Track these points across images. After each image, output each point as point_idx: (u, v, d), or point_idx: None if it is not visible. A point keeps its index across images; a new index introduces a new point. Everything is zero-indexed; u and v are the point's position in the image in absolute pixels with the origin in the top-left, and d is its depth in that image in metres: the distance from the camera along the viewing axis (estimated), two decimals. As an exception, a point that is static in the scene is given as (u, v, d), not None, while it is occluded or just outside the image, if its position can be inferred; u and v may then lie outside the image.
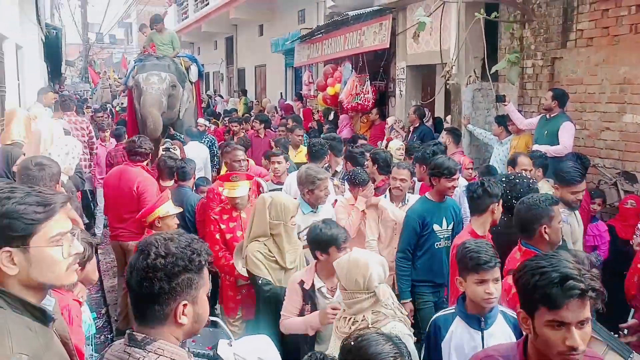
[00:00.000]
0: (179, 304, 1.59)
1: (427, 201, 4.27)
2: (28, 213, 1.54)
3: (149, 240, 1.63)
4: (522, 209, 2.98)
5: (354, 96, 9.48)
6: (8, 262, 1.54)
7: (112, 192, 5.24)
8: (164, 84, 8.50)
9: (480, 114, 7.63)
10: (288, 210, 3.59)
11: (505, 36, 7.38)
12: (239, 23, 17.86)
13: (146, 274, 1.56)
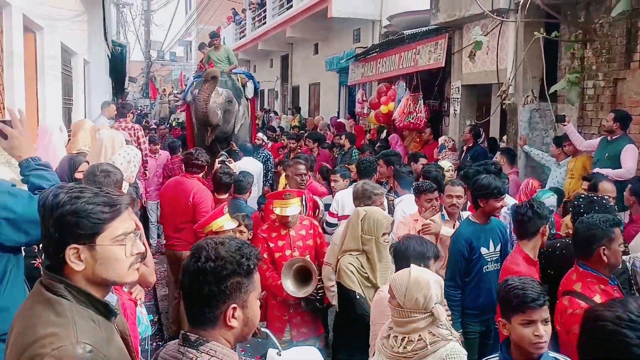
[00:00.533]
0: (229, 307, 1.63)
1: (472, 224, 4.07)
2: (96, 212, 1.62)
3: (201, 244, 1.68)
4: (580, 228, 2.88)
5: (407, 115, 9.45)
6: (75, 258, 1.61)
7: (168, 202, 5.40)
8: (220, 97, 8.70)
9: (538, 134, 7.46)
10: (381, 226, 3.48)
11: (565, 56, 7.22)
12: (294, 42, 18.18)
13: (196, 277, 1.61)
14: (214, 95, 8.48)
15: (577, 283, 2.79)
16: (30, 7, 5.58)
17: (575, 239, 2.93)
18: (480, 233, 3.98)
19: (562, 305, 2.76)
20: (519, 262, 3.25)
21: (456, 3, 8.03)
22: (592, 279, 2.77)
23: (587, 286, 2.75)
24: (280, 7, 17.22)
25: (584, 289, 2.74)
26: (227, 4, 25.40)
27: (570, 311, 2.67)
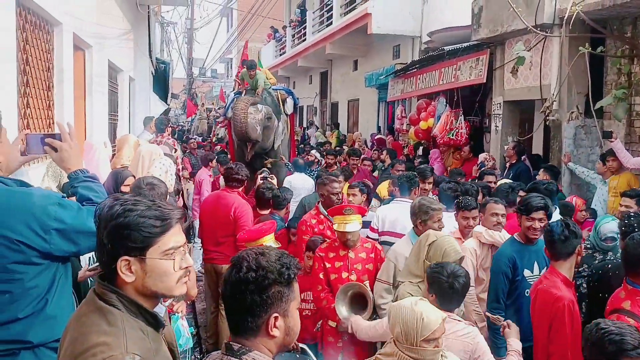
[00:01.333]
0: (271, 317, 1.65)
1: (516, 243, 3.90)
2: (147, 226, 1.65)
3: (242, 254, 1.71)
4: (631, 244, 2.78)
5: (448, 131, 9.38)
6: (126, 270, 1.65)
7: (208, 216, 5.46)
8: (260, 114, 8.77)
9: (583, 151, 7.27)
10: (447, 257, 3.15)
11: (611, 71, 7.04)
12: (334, 58, 18.30)
13: (238, 287, 1.64)
14: (254, 111, 8.57)
15: (625, 301, 2.71)
16: (80, 26, 5.78)
17: (625, 256, 2.83)
18: (524, 253, 3.81)
19: None
20: (559, 286, 3.11)
21: (498, 18, 7.95)
22: None
23: (637, 304, 2.67)
24: (320, 24, 17.39)
25: (633, 307, 2.67)
26: (268, 21, 25.78)
27: None
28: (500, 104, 8.62)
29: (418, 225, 4.06)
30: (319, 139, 16.87)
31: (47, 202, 2.24)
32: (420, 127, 10.57)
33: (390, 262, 3.96)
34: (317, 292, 4.10)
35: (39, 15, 4.62)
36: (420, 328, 2.43)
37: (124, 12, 8.90)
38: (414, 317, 2.46)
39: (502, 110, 8.61)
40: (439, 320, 2.48)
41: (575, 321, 3.01)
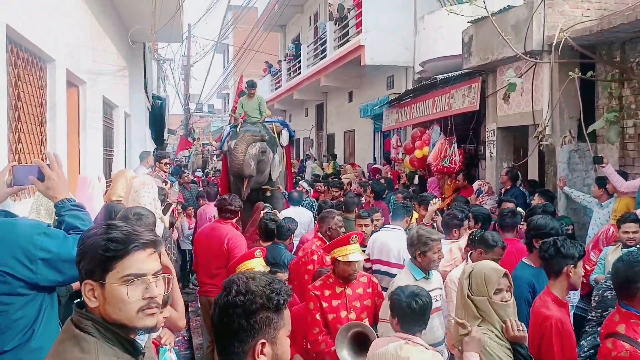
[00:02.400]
0: (257, 342, 1.62)
1: (528, 267, 3.88)
2: (104, 248, 1.61)
3: (232, 278, 1.70)
4: (621, 266, 2.74)
5: (442, 159, 9.39)
6: (90, 294, 1.62)
7: (202, 248, 5.43)
8: (254, 149, 8.81)
9: (578, 175, 7.28)
10: (490, 281, 2.81)
11: (602, 95, 7.11)
12: (329, 90, 18.48)
13: (226, 310, 1.62)
14: (249, 147, 8.64)
15: (620, 325, 2.65)
16: (73, 63, 5.84)
17: (616, 279, 2.79)
18: (538, 276, 3.73)
19: (605, 349, 2.63)
20: (549, 305, 3.07)
21: (488, 47, 8.06)
22: (637, 320, 2.64)
23: (631, 327, 2.62)
24: (314, 57, 17.62)
25: (627, 331, 2.61)
26: (263, 56, 26.14)
27: (614, 354, 2.55)
28: (494, 131, 8.66)
29: (417, 257, 3.91)
30: (315, 170, 16.89)
31: (33, 231, 2.23)
32: (415, 156, 10.59)
33: None
34: (314, 335, 3.76)
35: (31, 52, 4.67)
36: None
37: (119, 49, 9.01)
38: None
39: (496, 137, 8.65)
40: None
41: (565, 340, 2.95)
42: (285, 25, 25.44)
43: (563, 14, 7.07)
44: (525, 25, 7.17)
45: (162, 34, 10.43)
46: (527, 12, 7.24)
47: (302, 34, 22.52)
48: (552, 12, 7.07)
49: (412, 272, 3.88)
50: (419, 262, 3.90)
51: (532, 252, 3.95)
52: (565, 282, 3.17)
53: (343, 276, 3.80)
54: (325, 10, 17.78)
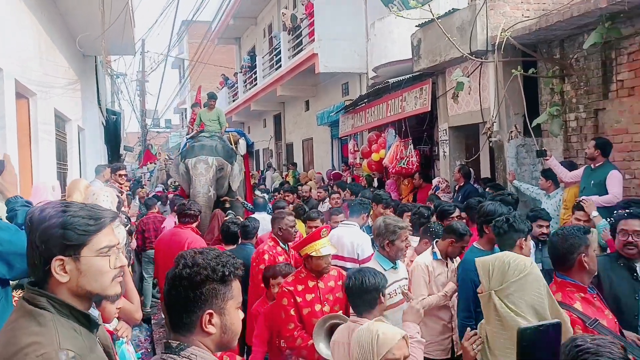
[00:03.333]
0: (205, 313, 1.68)
1: (477, 251, 4.03)
2: (81, 225, 1.68)
3: (182, 253, 1.75)
4: (557, 240, 2.92)
5: (399, 160, 9.60)
6: (60, 270, 1.67)
7: (163, 254, 5.41)
8: (211, 171, 8.87)
9: (526, 169, 7.56)
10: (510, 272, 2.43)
11: (545, 91, 7.43)
12: (285, 100, 18.61)
13: (174, 282, 1.68)
14: (204, 170, 8.72)
15: (557, 293, 2.80)
16: (22, 73, 5.77)
17: (553, 251, 2.96)
18: None
19: None
20: None
21: (436, 49, 8.31)
22: (572, 288, 2.81)
23: (567, 295, 2.79)
24: (270, 67, 17.73)
25: (564, 298, 2.77)
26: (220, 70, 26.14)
27: None
28: (446, 130, 8.92)
29: (385, 247, 3.94)
30: (276, 180, 16.95)
31: None
32: (372, 159, 10.79)
33: None
34: (289, 331, 3.72)
35: (-23, 61, 4.62)
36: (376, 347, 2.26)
37: (70, 62, 8.91)
38: (369, 336, 2.30)
39: (448, 136, 8.91)
40: (397, 337, 2.29)
41: None
42: (240, 38, 25.53)
43: (504, 15, 7.38)
44: (470, 27, 7.45)
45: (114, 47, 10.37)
46: (470, 14, 7.52)
47: (257, 45, 22.63)
48: (494, 14, 7.38)
49: (380, 262, 3.92)
50: (387, 252, 3.93)
51: (483, 237, 4.13)
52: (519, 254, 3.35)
53: (316, 270, 3.82)
54: (278, 21, 17.95)
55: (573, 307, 2.70)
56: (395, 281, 3.90)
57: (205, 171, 8.77)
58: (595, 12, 5.86)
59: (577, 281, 2.84)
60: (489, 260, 2.54)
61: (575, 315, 2.66)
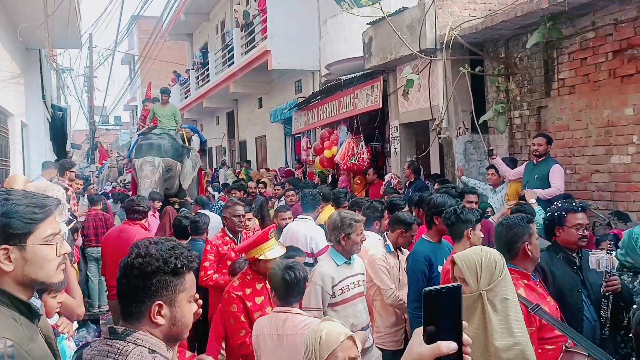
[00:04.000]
0: (154, 304, 1.66)
1: (426, 242, 4.18)
2: (27, 213, 1.67)
3: (137, 242, 1.73)
4: (502, 230, 3.03)
5: (350, 157, 9.68)
6: (5, 259, 1.64)
7: (110, 251, 5.30)
8: (157, 173, 8.75)
9: (474, 165, 7.76)
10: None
11: (491, 89, 7.64)
12: (239, 97, 18.48)
13: (125, 271, 1.66)
14: (150, 172, 8.59)
15: None
16: (-40, 65, 5.54)
17: (498, 241, 3.07)
18: (436, 251, 4.06)
19: None
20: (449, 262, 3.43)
21: (387, 47, 8.43)
22: (516, 275, 2.90)
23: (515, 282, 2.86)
24: (222, 64, 17.56)
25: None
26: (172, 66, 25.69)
27: None
28: (397, 127, 9.05)
29: (341, 240, 3.86)
30: (230, 177, 16.81)
31: None
32: (324, 156, 10.84)
33: (316, 285, 3.69)
34: (240, 338, 3.54)
35: None
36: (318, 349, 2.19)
37: (12, 55, 8.58)
38: (313, 337, 2.22)
39: (399, 133, 9.04)
40: (340, 337, 2.20)
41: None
42: (192, 34, 25.17)
43: (452, 14, 7.55)
44: (419, 25, 7.59)
45: (59, 40, 10.05)
46: (419, 13, 7.66)
47: (209, 42, 22.37)
48: (442, 13, 7.53)
49: (333, 258, 3.87)
50: (342, 247, 3.87)
51: (431, 229, 4.23)
52: (467, 243, 3.52)
53: (264, 273, 3.59)
54: (231, 17, 17.79)
55: (517, 293, 2.77)
56: (349, 276, 3.88)
57: (150, 173, 8.66)
58: (538, 12, 6.07)
59: (521, 268, 2.94)
60: (473, 259, 2.46)
61: (519, 300, 2.74)
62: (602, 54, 5.99)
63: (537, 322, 2.74)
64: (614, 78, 5.88)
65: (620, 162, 5.84)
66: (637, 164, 5.65)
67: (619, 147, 5.84)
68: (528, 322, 2.69)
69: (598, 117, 6.07)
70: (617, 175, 5.90)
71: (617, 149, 5.88)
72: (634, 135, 5.65)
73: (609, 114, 5.94)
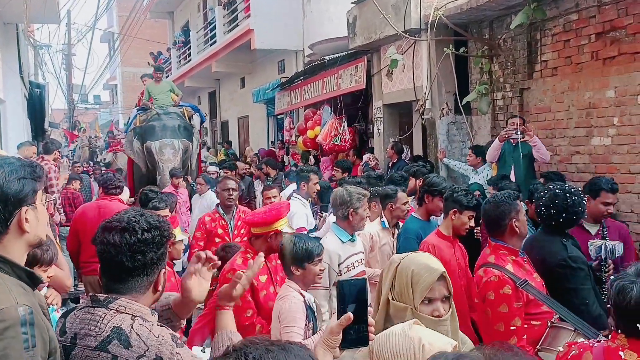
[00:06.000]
0: (161, 272, 1.77)
1: (416, 220, 4.26)
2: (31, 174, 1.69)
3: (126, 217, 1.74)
4: (489, 207, 3.06)
5: (333, 137, 9.67)
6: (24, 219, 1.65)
7: (90, 226, 5.05)
8: (178, 155, 8.70)
9: (456, 146, 7.80)
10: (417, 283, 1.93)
11: (475, 71, 7.65)
12: (221, 77, 18.29)
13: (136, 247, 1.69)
14: (172, 155, 8.52)
15: (490, 256, 2.95)
16: None
17: (486, 218, 3.10)
18: (426, 229, 4.10)
19: (478, 277, 2.93)
20: (431, 236, 3.65)
21: (371, 26, 8.38)
22: (504, 251, 2.95)
23: (500, 257, 2.92)
24: (204, 43, 17.34)
25: (497, 260, 2.91)
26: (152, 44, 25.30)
27: (485, 279, 2.84)
28: (380, 108, 9.04)
29: (350, 215, 3.78)
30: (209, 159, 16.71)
31: None
32: (308, 137, 10.81)
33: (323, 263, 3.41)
34: (247, 319, 3.32)
35: None
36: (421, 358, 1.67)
37: (-12, 29, 8.38)
38: (410, 345, 1.69)
39: (382, 114, 9.04)
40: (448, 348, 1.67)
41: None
42: (173, 12, 24.74)
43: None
44: (404, 5, 7.54)
45: (36, 14, 9.82)
46: (405, -8, 7.61)
47: (190, 20, 22.03)
48: (427, -8, 7.50)
49: (338, 235, 3.80)
50: (349, 222, 3.79)
51: (421, 207, 4.31)
52: (450, 223, 3.62)
53: (275, 249, 3.38)
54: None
55: (505, 269, 2.83)
56: (353, 254, 3.84)
57: (172, 156, 8.67)
58: (523, -7, 6.08)
59: (509, 245, 2.98)
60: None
61: (507, 275, 2.79)
62: (585, 36, 6.02)
63: (525, 297, 2.78)
64: (596, 60, 5.92)
65: (600, 144, 5.91)
66: (617, 146, 5.72)
67: (600, 129, 5.90)
68: (516, 297, 2.75)
69: (579, 99, 6.12)
70: (597, 157, 5.97)
71: (597, 131, 5.94)
72: (615, 117, 5.71)
73: (590, 96, 5.99)
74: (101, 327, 1.63)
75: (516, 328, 2.72)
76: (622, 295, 1.83)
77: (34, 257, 2.47)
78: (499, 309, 2.73)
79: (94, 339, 1.63)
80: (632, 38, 5.46)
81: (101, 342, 1.61)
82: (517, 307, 2.75)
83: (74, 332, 1.68)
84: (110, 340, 1.61)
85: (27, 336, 1.50)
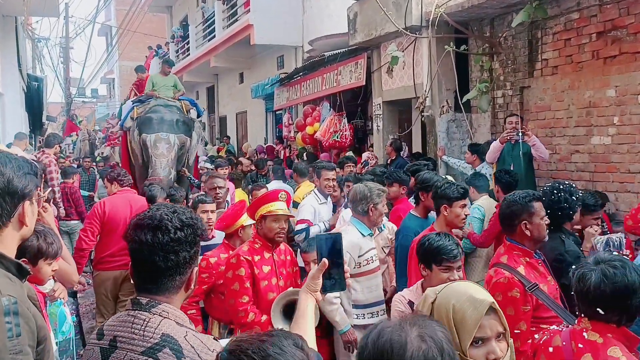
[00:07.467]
0: (193, 271, 1.74)
1: (415, 218, 4.22)
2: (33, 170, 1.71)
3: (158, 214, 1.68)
4: (503, 205, 3.03)
5: (332, 134, 9.67)
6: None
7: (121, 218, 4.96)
8: (173, 151, 8.37)
9: (456, 144, 7.81)
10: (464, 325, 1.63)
11: (475, 68, 7.65)
12: (219, 72, 18.24)
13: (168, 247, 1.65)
14: (166, 150, 8.29)
15: (504, 256, 2.91)
16: None
17: (501, 216, 3.06)
18: (424, 226, 4.03)
19: (489, 277, 2.89)
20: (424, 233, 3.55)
21: (372, 23, 8.37)
22: (518, 252, 2.89)
23: (513, 258, 2.87)
24: (203, 37, 17.28)
25: (509, 261, 2.85)
26: (150, 38, 25.20)
27: (495, 280, 2.80)
28: (380, 105, 9.04)
29: (369, 210, 3.84)
30: (210, 152, 16.68)
31: None
32: (306, 133, 10.81)
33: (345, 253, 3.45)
34: (242, 304, 3.40)
35: None
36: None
37: (-13, 21, 8.34)
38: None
39: (382, 111, 9.03)
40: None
41: None
42: (172, 7, 24.65)
43: (439, -9, 7.51)
44: (405, 2, 7.53)
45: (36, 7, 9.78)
46: (406, -11, 7.60)
47: (189, 14, 21.95)
48: (429, -11, 7.49)
49: (359, 229, 3.83)
50: (369, 217, 3.84)
51: (419, 204, 4.30)
52: (443, 219, 3.58)
53: (269, 237, 3.54)
54: (213, -11, 17.47)
55: (516, 270, 2.78)
56: (372, 248, 3.90)
57: (167, 151, 8.26)
58: (524, -9, 6.08)
59: (523, 246, 2.91)
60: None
61: (517, 278, 2.74)
62: (586, 35, 6.03)
63: (534, 301, 2.73)
64: (596, 59, 5.93)
65: (600, 143, 5.93)
66: (616, 145, 5.74)
67: (600, 128, 5.92)
68: (523, 301, 2.71)
69: (580, 98, 6.13)
70: (596, 156, 5.98)
71: (597, 130, 5.95)
72: (615, 116, 5.72)
73: (590, 95, 6.00)
74: (147, 332, 1.59)
75: (520, 332, 2.67)
76: (582, 282, 2.01)
77: (39, 250, 2.47)
78: (506, 311, 2.67)
79: (139, 344, 1.58)
80: (633, 37, 5.47)
81: (149, 348, 1.56)
82: (524, 311, 2.70)
83: (113, 335, 1.63)
84: (160, 347, 1.56)
85: (11, 325, 1.50)
